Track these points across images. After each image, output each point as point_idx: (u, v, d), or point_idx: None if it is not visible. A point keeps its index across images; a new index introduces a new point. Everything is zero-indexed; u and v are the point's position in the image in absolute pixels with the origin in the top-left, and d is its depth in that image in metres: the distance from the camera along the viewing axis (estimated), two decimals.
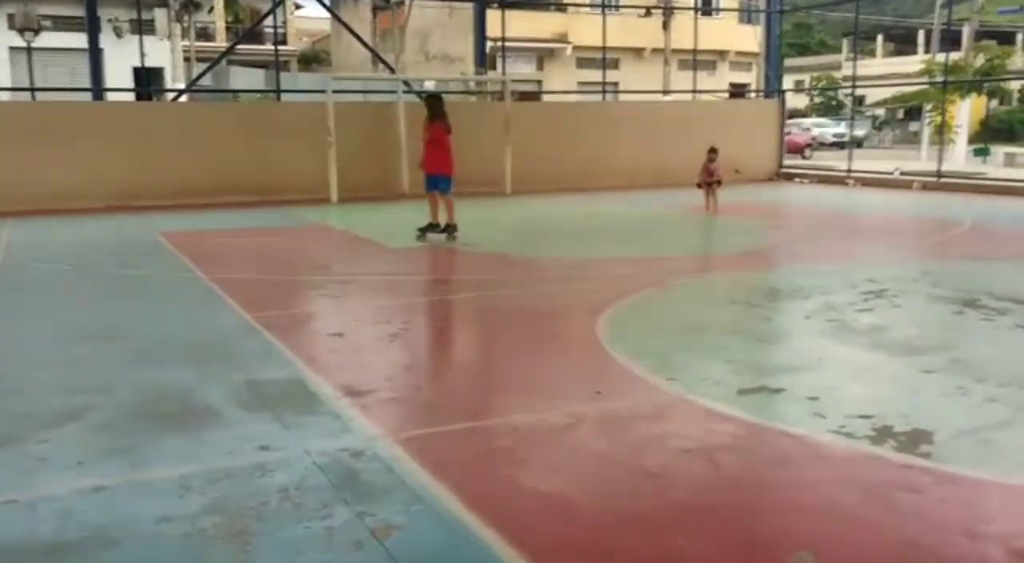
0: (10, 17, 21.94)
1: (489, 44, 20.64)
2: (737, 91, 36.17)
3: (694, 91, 23.22)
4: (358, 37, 18.57)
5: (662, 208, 14.79)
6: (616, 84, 38.00)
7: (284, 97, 18.01)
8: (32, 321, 6.55)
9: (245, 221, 13.23)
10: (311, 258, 9.80)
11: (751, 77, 36.58)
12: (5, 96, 22.82)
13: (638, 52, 37.57)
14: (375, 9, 40.10)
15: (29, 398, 4.64)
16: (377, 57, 17.75)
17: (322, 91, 16.97)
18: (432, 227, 10.54)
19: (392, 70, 17.62)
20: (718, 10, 40.39)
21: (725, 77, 38.89)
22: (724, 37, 37.35)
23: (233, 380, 4.89)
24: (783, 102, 22.99)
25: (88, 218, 13.25)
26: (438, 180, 10.45)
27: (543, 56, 37.10)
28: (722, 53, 38.28)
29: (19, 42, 23.92)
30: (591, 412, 4.36)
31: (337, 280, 8.05)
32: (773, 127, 21.41)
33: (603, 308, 6.62)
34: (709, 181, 13.32)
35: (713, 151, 13.39)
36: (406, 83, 17.46)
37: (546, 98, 32.38)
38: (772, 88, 22.83)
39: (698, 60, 24.87)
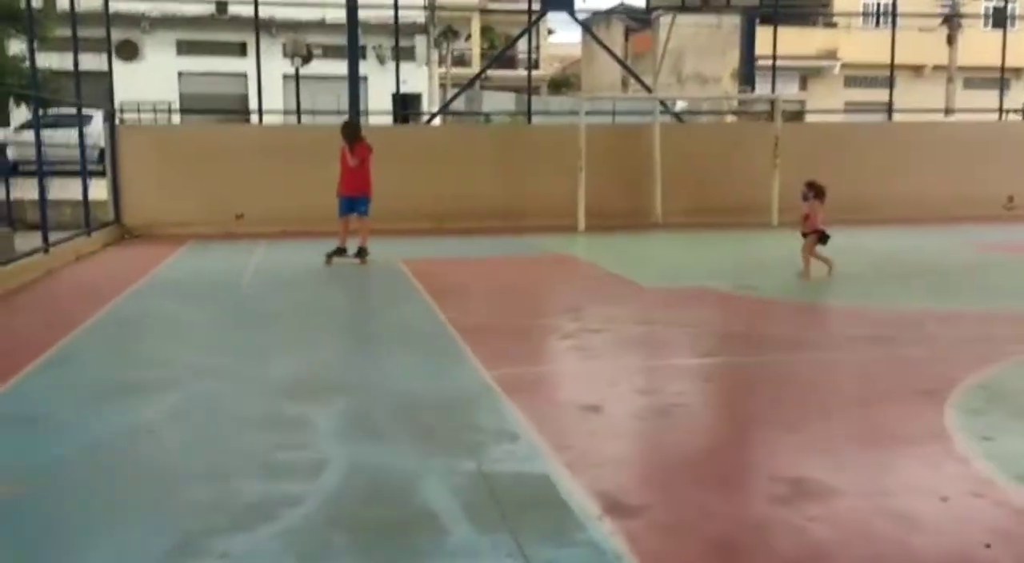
0: (284, 46, 23.07)
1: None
2: None
3: (987, 110, 20.10)
4: (613, 54, 17.57)
5: (963, 246, 12.41)
6: (889, 104, 34.64)
7: (535, 121, 17.34)
8: (249, 363, 5.88)
9: (488, 249, 12.48)
10: (558, 297, 8.71)
11: None
12: (276, 120, 24.04)
13: (917, 70, 34.00)
14: (627, 32, 39.31)
15: (222, 479, 3.77)
16: (633, 76, 16.65)
17: (574, 113, 16.13)
18: (340, 251, 10.44)
19: (649, 90, 16.43)
20: (1012, 18, 35.73)
21: (1021, 96, 34.27)
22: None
23: (465, 471, 3.79)
24: None
25: (334, 241, 13.03)
26: (359, 202, 10.54)
27: (807, 75, 34.49)
28: (1018, 70, 33.76)
29: (297, 70, 25.21)
30: None
31: (589, 328, 6.87)
32: None
33: (943, 387, 4.95)
34: (805, 232, 9.28)
35: (810, 187, 9.25)
36: (663, 104, 16.17)
37: (808, 119, 29.85)
38: None
39: (989, 78, 21.64)
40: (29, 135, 18.89)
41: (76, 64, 13.32)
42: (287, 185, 14.32)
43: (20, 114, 24.07)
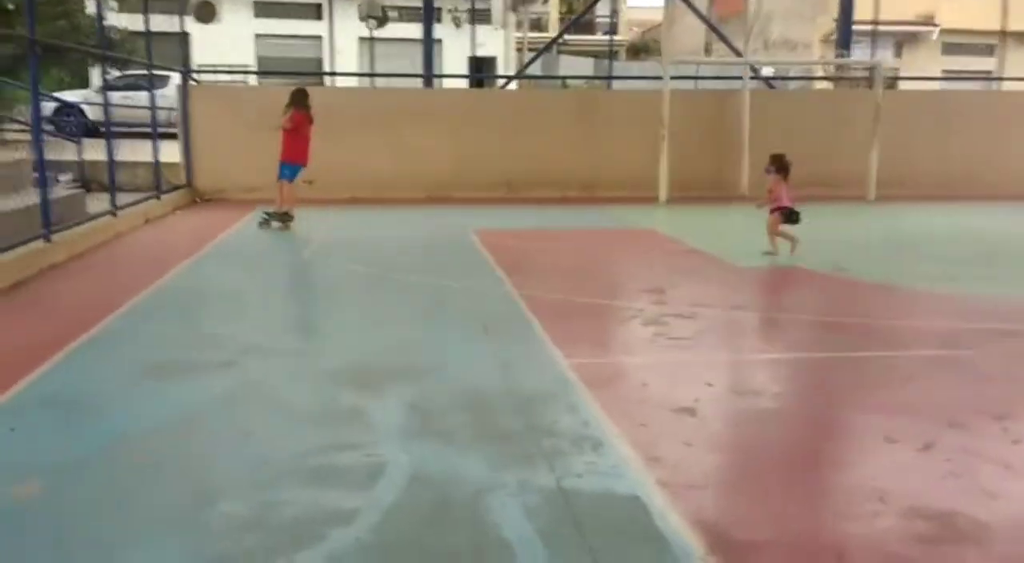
0: (359, 8, 22.61)
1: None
2: None
3: None
4: (700, 15, 16.64)
5: None
6: (989, 72, 32.64)
7: (614, 87, 16.57)
8: (306, 343, 5.43)
9: (565, 220, 11.88)
10: (640, 275, 8.08)
11: None
12: (351, 83, 23.70)
13: (1021, 37, 31.93)
14: None
15: (264, 487, 3.30)
16: (723, 39, 15.72)
17: (657, 77, 15.32)
18: (286, 216, 10.47)
19: (739, 54, 15.50)
20: None
21: None
22: None
23: (541, 486, 3.26)
24: None
25: (407, 210, 12.61)
26: (297, 168, 10.66)
27: (902, 41, 32.68)
28: None
29: (372, 33, 24.80)
30: None
31: (676, 312, 6.25)
32: None
33: None
34: (771, 208, 8.63)
35: (773, 162, 8.67)
36: (753, 69, 15.22)
37: (902, 87, 28.28)
38: None
39: None
40: (109, 96, 18.97)
41: (147, 23, 13.05)
42: (358, 150, 13.92)
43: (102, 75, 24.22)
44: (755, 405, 4.36)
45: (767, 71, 19.65)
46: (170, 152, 13.67)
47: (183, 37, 15.44)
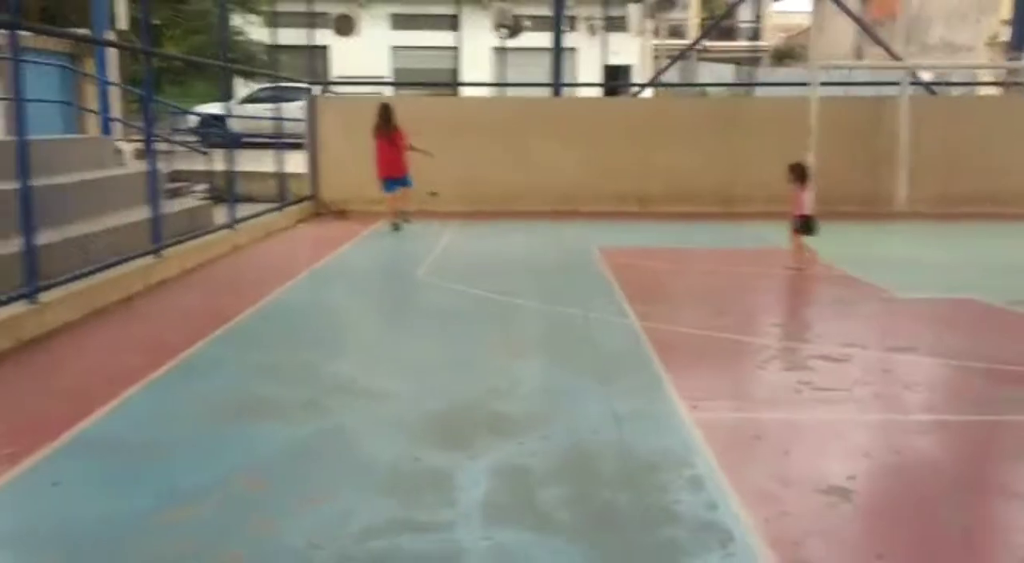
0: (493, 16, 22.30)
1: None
2: None
3: None
4: (854, 16, 15.34)
5: None
6: None
7: (757, 94, 15.50)
8: (399, 382, 4.88)
9: (700, 238, 11.01)
10: (785, 306, 7.18)
11: None
12: (483, 94, 23.42)
13: None
14: None
15: None
16: (878, 42, 14.40)
17: (802, 84, 14.21)
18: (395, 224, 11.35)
19: (897, 57, 14.15)
20: None
21: None
22: None
23: None
24: None
25: (530, 223, 12.04)
26: (391, 182, 11.62)
27: None
28: None
29: (504, 43, 24.50)
30: None
31: (825, 354, 5.37)
32: None
33: None
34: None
35: (792, 171, 8.42)
36: (914, 74, 13.87)
37: None
38: None
39: None
40: (252, 109, 19.38)
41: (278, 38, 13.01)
42: (483, 161, 13.48)
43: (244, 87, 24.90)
44: (927, 486, 3.50)
45: (927, 76, 18.07)
46: (297, 163, 13.62)
47: (312, 49, 15.40)
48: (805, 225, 8.18)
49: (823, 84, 13.16)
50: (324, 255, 9.31)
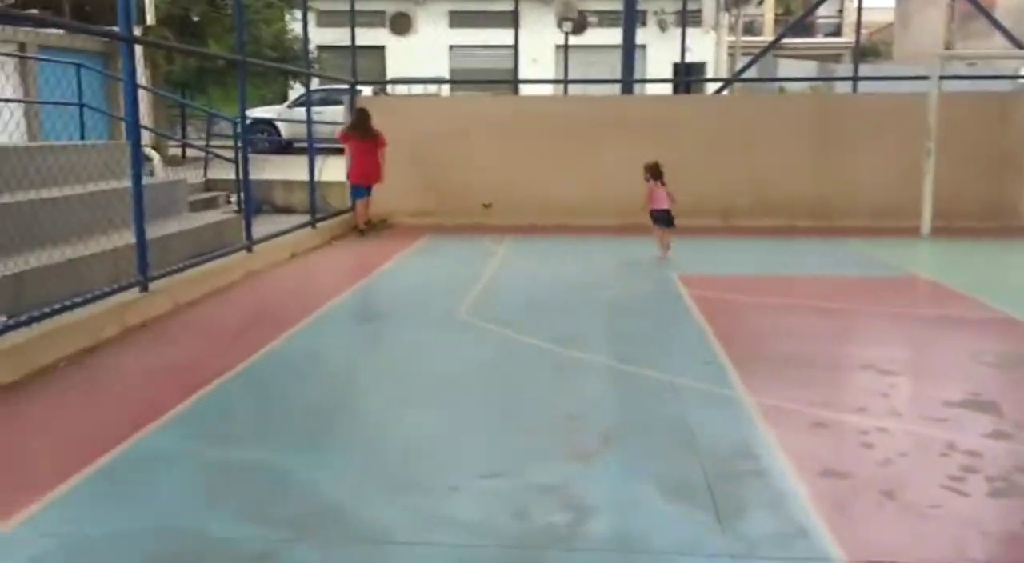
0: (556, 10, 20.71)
1: None
2: None
3: None
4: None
5: None
6: None
7: (862, 91, 13.62)
8: (398, 517, 3.31)
9: (800, 260, 9.25)
10: (942, 368, 5.36)
11: None
12: (546, 92, 21.83)
13: None
14: None
15: None
16: (1002, 31, 12.37)
17: (912, 78, 12.32)
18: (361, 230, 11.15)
19: (1021, 46, 12.15)
20: None
21: None
22: None
23: None
24: None
25: (595, 240, 10.41)
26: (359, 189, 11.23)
27: None
28: None
29: (568, 41, 22.93)
30: None
31: (1013, 446, 3.67)
32: None
33: None
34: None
35: (646, 169, 9.09)
36: None
37: None
38: None
39: None
40: (300, 112, 18.12)
41: (305, 37, 11.64)
42: (543, 167, 11.88)
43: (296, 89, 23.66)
44: None
45: None
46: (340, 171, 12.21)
47: (377, 51, 13.99)
48: (664, 219, 8.95)
49: (946, 78, 11.21)
50: (351, 284, 7.82)
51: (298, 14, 21.49)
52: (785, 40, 31.18)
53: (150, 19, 13.60)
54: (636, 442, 3.97)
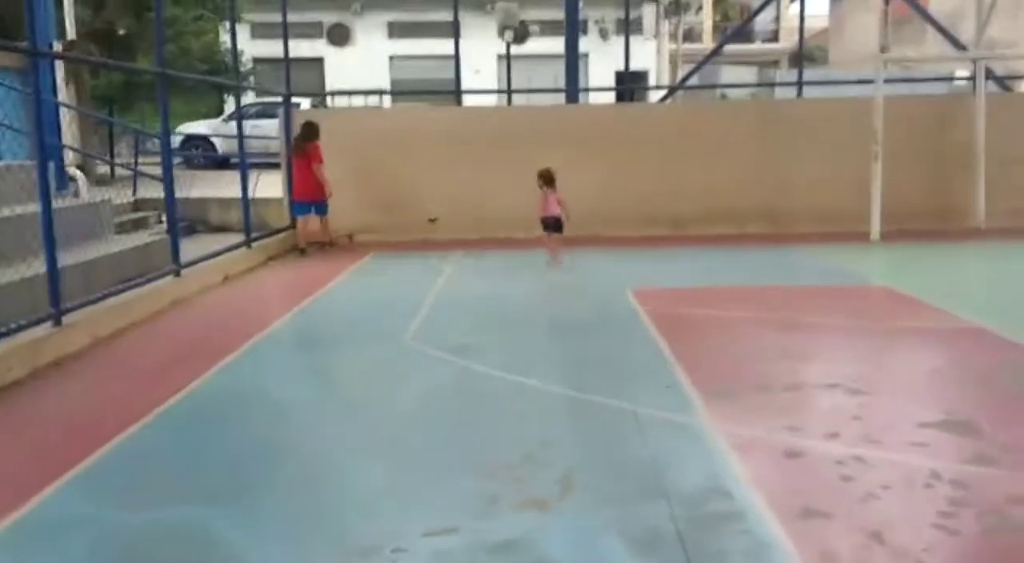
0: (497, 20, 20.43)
1: None
2: None
3: None
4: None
5: None
6: None
7: (780, 96, 13.56)
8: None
9: (754, 269, 9.03)
10: (916, 387, 5.12)
11: None
12: (488, 104, 21.50)
13: None
14: None
15: None
16: (943, 33, 12.38)
17: (857, 82, 12.32)
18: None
19: (963, 47, 12.18)
20: None
21: None
22: None
23: None
24: None
25: (543, 253, 10.08)
26: (302, 206, 10.83)
27: None
28: None
29: (511, 51, 22.64)
30: None
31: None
32: None
33: None
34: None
35: (539, 176, 9.25)
36: (989, 69, 11.86)
37: None
38: None
39: None
40: (234, 127, 17.54)
41: (234, 48, 11.12)
42: (486, 180, 11.53)
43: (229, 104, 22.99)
44: None
45: (963, 72, 16.10)
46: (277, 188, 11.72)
47: (315, 62, 13.51)
48: (553, 225, 9.19)
49: (889, 81, 11.16)
50: (287, 309, 7.37)
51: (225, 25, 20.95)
52: (725, 47, 31.38)
53: (71, 33, 12.95)
54: (598, 485, 3.62)
